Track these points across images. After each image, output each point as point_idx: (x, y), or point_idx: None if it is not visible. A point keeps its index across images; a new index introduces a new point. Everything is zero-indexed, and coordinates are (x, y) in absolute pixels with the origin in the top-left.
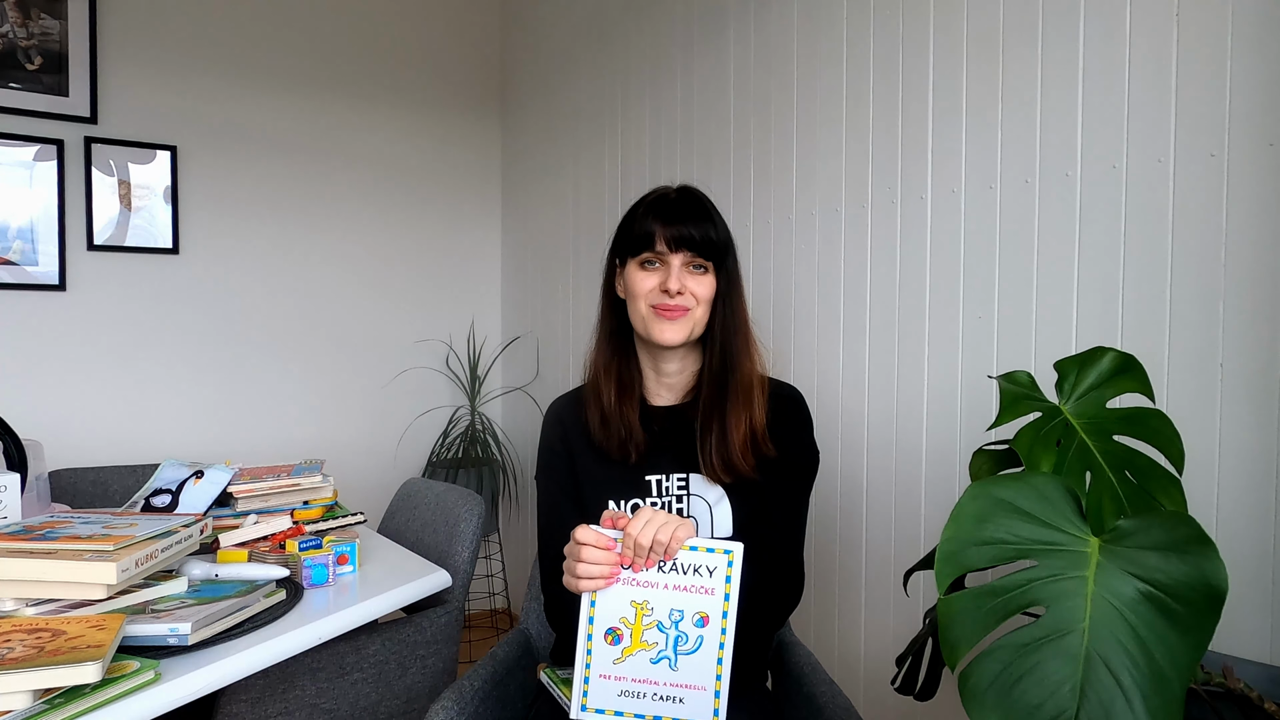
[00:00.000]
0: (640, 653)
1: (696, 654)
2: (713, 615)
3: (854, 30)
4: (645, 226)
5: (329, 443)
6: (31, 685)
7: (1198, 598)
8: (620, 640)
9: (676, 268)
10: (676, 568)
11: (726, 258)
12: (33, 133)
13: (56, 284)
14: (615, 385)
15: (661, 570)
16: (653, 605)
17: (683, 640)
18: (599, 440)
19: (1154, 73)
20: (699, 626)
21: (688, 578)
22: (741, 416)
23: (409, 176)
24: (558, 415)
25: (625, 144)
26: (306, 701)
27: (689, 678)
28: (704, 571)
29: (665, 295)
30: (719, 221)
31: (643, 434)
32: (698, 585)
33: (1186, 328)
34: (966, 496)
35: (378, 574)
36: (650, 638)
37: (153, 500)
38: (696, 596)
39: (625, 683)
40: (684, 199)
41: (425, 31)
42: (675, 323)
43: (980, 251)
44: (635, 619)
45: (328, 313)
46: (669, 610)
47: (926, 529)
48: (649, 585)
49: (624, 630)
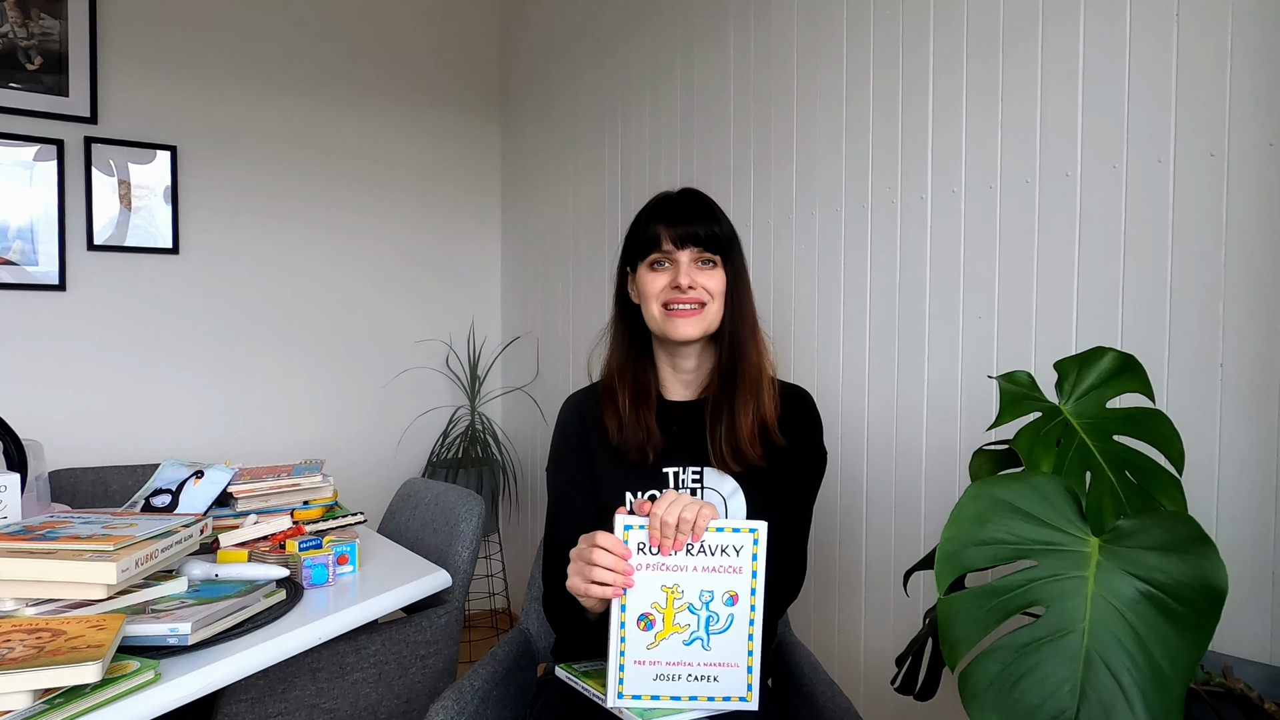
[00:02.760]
0: (673, 635)
1: (728, 632)
2: (742, 593)
3: (854, 30)
4: (651, 229)
5: (329, 443)
6: (31, 685)
7: (1198, 598)
8: (653, 625)
9: (685, 264)
10: (704, 549)
11: (733, 251)
12: (33, 133)
13: (56, 284)
14: (630, 391)
15: (690, 553)
16: (683, 588)
17: (714, 620)
18: (616, 442)
19: (1154, 73)
20: (729, 605)
21: (715, 558)
22: (749, 406)
23: (409, 176)
24: (576, 408)
25: (625, 144)
26: (306, 701)
27: (722, 656)
28: (730, 551)
29: (677, 291)
30: (722, 217)
31: (660, 435)
32: (726, 565)
33: (1186, 328)
34: (966, 496)
35: (378, 574)
36: (682, 620)
37: (153, 500)
38: (725, 576)
39: (660, 666)
40: (686, 199)
41: (425, 31)
42: (690, 319)
43: (980, 251)
44: (667, 603)
45: (328, 313)
46: (699, 592)
47: (926, 529)
48: (678, 569)
49: (656, 615)
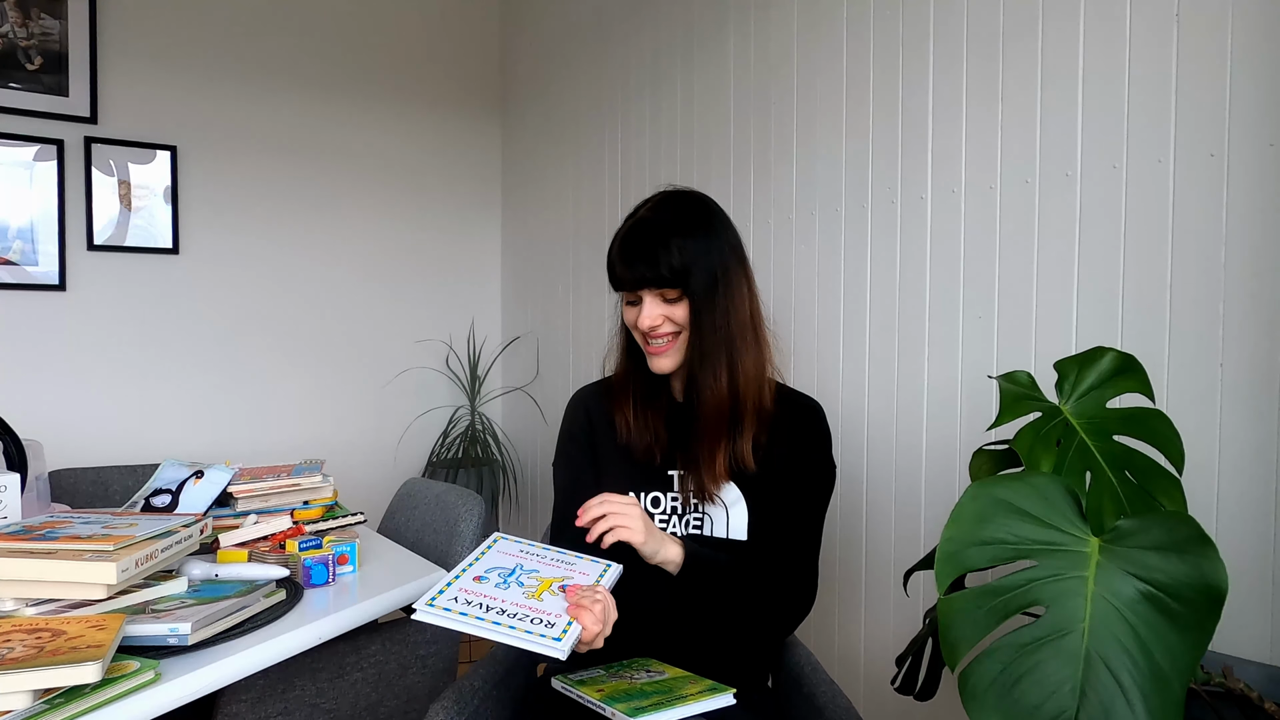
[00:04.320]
0: (495, 584)
1: (538, 573)
2: (532, 554)
3: (854, 30)
4: (613, 265)
5: (329, 443)
6: (31, 685)
7: (1198, 598)
8: (486, 581)
9: (648, 302)
10: (561, 560)
11: (692, 278)
12: (33, 133)
13: (56, 284)
14: (640, 395)
15: (544, 560)
16: (541, 575)
17: (522, 571)
18: (624, 442)
19: (1154, 73)
20: (562, 590)
21: (565, 569)
22: (709, 448)
23: (409, 176)
24: (583, 403)
25: (625, 144)
26: (306, 701)
27: (547, 607)
28: (578, 573)
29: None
30: (675, 245)
31: (668, 437)
32: (572, 573)
33: (1186, 328)
34: (966, 496)
35: (378, 574)
36: (505, 577)
37: (153, 500)
38: (566, 574)
39: (475, 596)
40: (632, 236)
41: (425, 31)
42: (665, 354)
43: (980, 251)
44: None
45: (328, 313)
46: (537, 570)
47: (926, 529)
48: (533, 556)
49: (520, 583)
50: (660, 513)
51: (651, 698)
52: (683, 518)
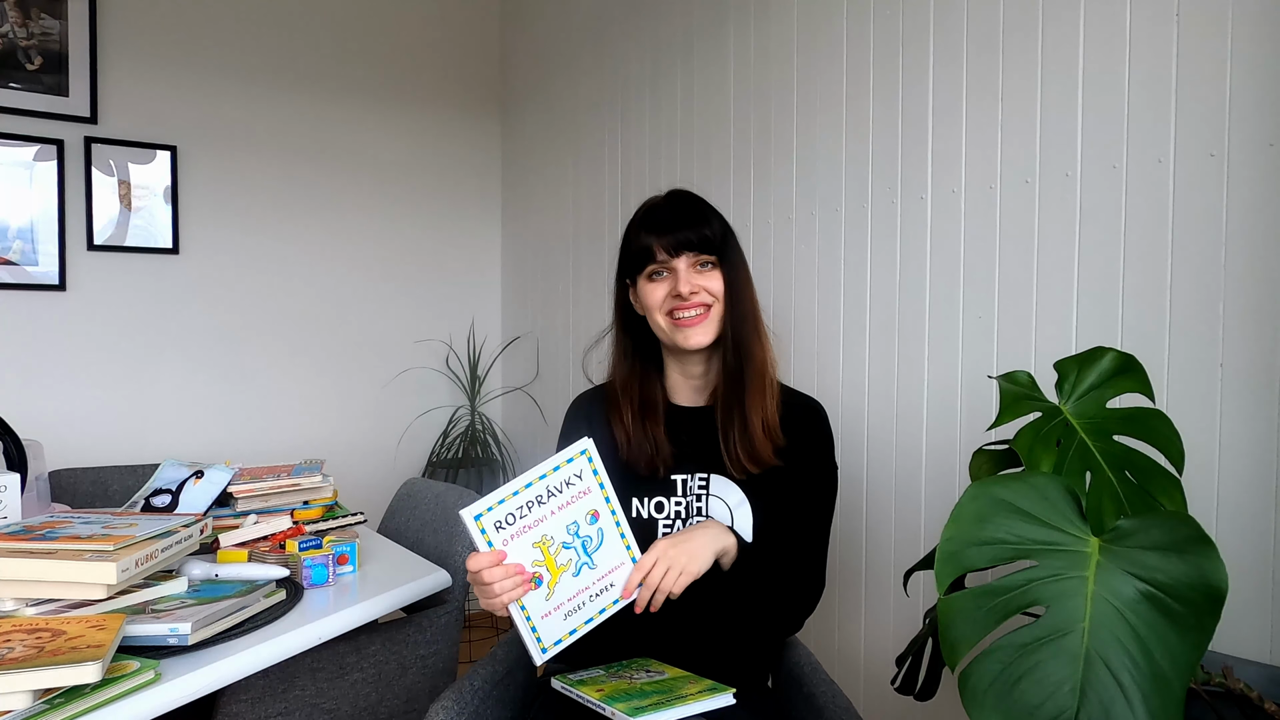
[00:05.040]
0: (563, 576)
1: (604, 544)
2: (599, 506)
3: (854, 30)
4: (643, 241)
5: (329, 443)
6: (31, 685)
7: (1198, 598)
8: (542, 581)
9: (683, 271)
10: (551, 491)
11: (728, 249)
12: (33, 133)
13: (56, 284)
14: (637, 406)
15: (542, 503)
16: (551, 535)
17: (589, 542)
18: (624, 456)
19: (1154, 73)
20: (594, 523)
21: (565, 494)
22: (759, 406)
23: (409, 176)
24: (584, 411)
25: (625, 144)
26: (306, 701)
27: (608, 564)
28: (574, 479)
29: (679, 300)
30: (713, 215)
31: (669, 446)
32: (576, 493)
33: (1186, 328)
34: (966, 496)
35: (378, 574)
36: (563, 559)
37: (153, 500)
38: (579, 501)
39: (564, 606)
40: (674, 203)
41: (425, 31)
42: (698, 326)
43: (980, 251)
44: (544, 555)
45: (328, 312)
46: (565, 528)
47: (926, 529)
48: (540, 521)
49: (541, 571)
50: (664, 518)
51: (651, 697)
52: (686, 522)
